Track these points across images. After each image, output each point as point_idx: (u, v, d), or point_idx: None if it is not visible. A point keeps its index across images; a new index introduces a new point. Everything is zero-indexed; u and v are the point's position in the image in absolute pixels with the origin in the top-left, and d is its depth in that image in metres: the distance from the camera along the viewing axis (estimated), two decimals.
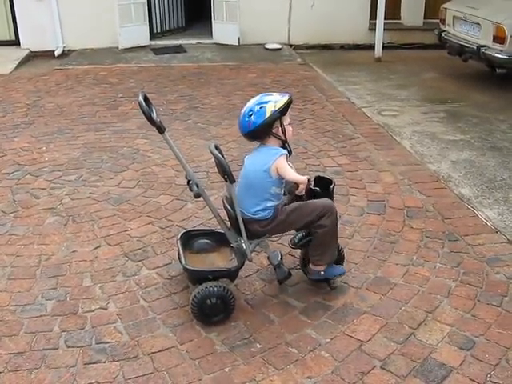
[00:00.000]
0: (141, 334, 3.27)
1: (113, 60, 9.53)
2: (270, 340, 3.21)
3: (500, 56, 7.40)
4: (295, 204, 3.42)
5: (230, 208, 3.39)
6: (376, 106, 7.16)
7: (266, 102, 3.26)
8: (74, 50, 10.11)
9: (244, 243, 3.39)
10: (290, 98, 3.33)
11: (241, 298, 3.56)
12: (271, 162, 3.26)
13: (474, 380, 2.95)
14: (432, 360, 3.08)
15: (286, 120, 3.34)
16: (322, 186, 3.54)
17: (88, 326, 3.33)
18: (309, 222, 3.39)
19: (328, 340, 3.22)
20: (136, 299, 3.56)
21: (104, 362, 3.06)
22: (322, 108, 7.07)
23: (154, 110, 3.37)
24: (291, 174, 3.32)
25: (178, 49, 10.30)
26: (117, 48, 10.05)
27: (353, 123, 6.56)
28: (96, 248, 4.10)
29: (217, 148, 3.33)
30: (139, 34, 10.26)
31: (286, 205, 3.43)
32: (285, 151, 3.32)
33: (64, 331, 3.28)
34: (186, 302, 3.49)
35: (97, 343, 3.19)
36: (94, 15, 9.92)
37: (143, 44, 10.32)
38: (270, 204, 3.33)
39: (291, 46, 10.58)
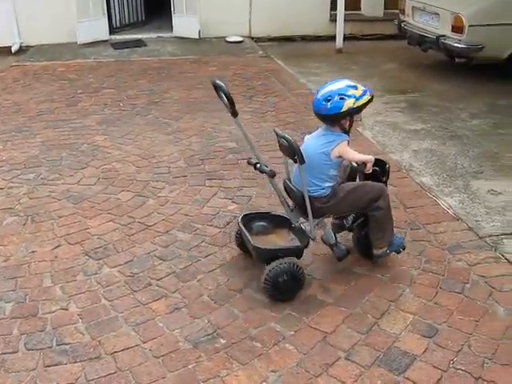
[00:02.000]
0: (103, 333, 3.21)
1: (71, 56, 9.36)
2: (234, 335, 3.19)
3: (458, 45, 7.47)
4: (353, 184, 3.61)
5: (294, 188, 3.55)
6: None
7: (348, 96, 3.35)
8: (31, 46, 9.91)
9: (309, 222, 3.51)
10: (372, 96, 3.44)
11: (204, 294, 3.53)
12: (333, 146, 3.41)
13: (437, 367, 2.98)
14: (395, 349, 3.10)
15: (357, 116, 3.52)
16: (379, 167, 3.67)
17: (48, 327, 3.26)
18: (366, 203, 3.55)
19: (292, 333, 3.21)
20: (97, 298, 3.50)
21: (65, 364, 3.00)
22: (284, 100, 7.06)
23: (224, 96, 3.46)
24: (358, 156, 3.52)
25: (138, 43, 10.17)
26: (75, 43, 9.86)
27: None
28: (56, 247, 4.02)
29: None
30: (98, 29, 10.10)
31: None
32: (347, 137, 3.48)
33: (24, 334, 3.21)
34: (149, 299, 3.46)
35: (58, 345, 3.13)
36: (51, 10, 9.72)
37: (102, 39, 10.16)
38: (327, 184, 3.48)
39: (253, 38, 10.54)
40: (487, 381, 2.90)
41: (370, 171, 3.55)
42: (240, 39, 10.34)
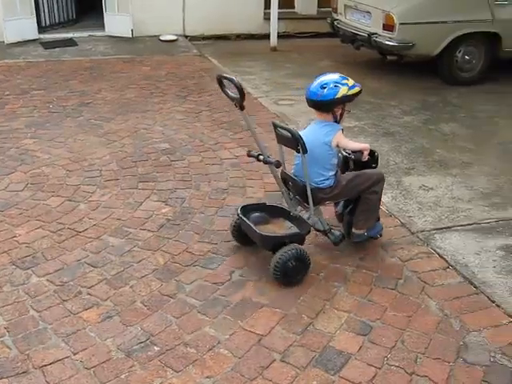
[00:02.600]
0: (31, 346, 3.08)
1: None
2: (167, 342, 3.13)
3: (390, 43, 7.58)
4: (352, 173, 3.82)
5: (296, 178, 3.71)
6: (272, 96, 7.17)
7: (342, 85, 3.62)
8: None
9: (310, 210, 3.69)
10: (361, 89, 3.70)
11: (137, 300, 3.44)
12: (331, 136, 3.63)
13: (371, 365, 3.00)
14: (331, 348, 3.10)
15: (347, 106, 3.73)
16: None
17: None
18: (365, 188, 3.76)
19: (227, 337, 3.17)
20: (25, 309, 3.36)
21: None
22: (218, 99, 6.99)
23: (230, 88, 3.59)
24: (354, 144, 3.83)
25: (69, 42, 9.90)
26: (3, 43, 9.51)
27: (249, 114, 6.38)
28: None
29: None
30: (26, 28, 9.75)
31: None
32: (341, 126, 3.72)
33: None
34: (79, 308, 3.35)
35: None
36: None
37: (31, 38, 9.82)
38: (330, 173, 3.68)
39: (187, 37, 10.43)
40: (420, 376, 2.94)
41: (367, 159, 3.78)
42: (174, 38, 10.21)
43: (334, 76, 3.69)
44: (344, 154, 3.89)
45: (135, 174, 5.04)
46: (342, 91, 3.60)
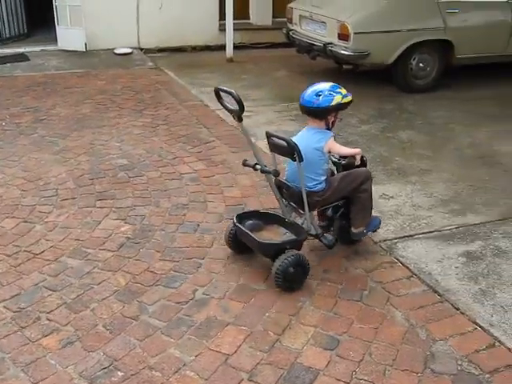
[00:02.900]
0: None
1: None
2: (131, 366, 3.03)
3: (345, 53, 7.64)
4: (340, 174, 3.96)
5: (291, 185, 3.80)
6: None
7: (336, 93, 3.76)
8: None
9: (306, 215, 3.79)
10: (352, 99, 3.86)
11: (98, 324, 3.34)
12: (323, 143, 3.75)
13: (340, 380, 2.96)
14: (299, 365, 3.06)
15: (339, 114, 3.88)
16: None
17: None
18: (355, 186, 3.88)
19: (193, 358, 3.09)
20: None
21: None
22: (175, 113, 6.93)
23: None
24: (346, 150, 3.93)
25: (21, 57, 9.68)
26: None
27: (207, 126, 6.48)
28: None
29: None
30: None
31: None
32: (333, 133, 3.84)
33: None
34: (38, 335, 3.23)
35: None
36: None
37: None
38: (322, 178, 3.80)
39: (142, 49, 10.33)
40: None
41: (360, 163, 3.94)
42: (129, 51, 10.10)
43: (328, 85, 3.81)
44: (333, 159, 4.03)
45: (92, 191, 4.93)
46: (337, 99, 3.74)
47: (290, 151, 3.57)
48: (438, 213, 4.68)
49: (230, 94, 3.62)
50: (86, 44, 9.92)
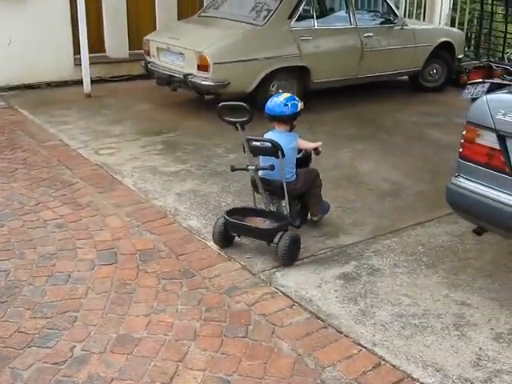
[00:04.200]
0: None
1: None
2: None
3: (206, 83, 7.67)
4: (304, 169, 4.75)
5: (272, 179, 4.50)
6: (92, 145, 6.84)
7: (298, 101, 4.60)
8: None
9: (286, 203, 4.54)
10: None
11: None
12: (295, 142, 4.59)
13: None
14: None
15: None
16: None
17: None
18: (313, 180, 4.74)
19: None
20: None
21: None
22: (34, 155, 6.54)
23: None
24: (311, 144, 4.77)
25: None
26: None
27: (70, 167, 6.16)
28: None
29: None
30: None
31: None
32: (298, 134, 4.70)
33: None
34: None
35: None
36: None
37: None
38: (294, 170, 4.61)
39: None
40: None
41: (319, 153, 4.79)
42: None
43: (287, 95, 4.65)
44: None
45: None
46: (300, 106, 4.60)
47: (275, 150, 4.29)
48: (311, 237, 4.75)
49: (240, 106, 4.44)
50: None
